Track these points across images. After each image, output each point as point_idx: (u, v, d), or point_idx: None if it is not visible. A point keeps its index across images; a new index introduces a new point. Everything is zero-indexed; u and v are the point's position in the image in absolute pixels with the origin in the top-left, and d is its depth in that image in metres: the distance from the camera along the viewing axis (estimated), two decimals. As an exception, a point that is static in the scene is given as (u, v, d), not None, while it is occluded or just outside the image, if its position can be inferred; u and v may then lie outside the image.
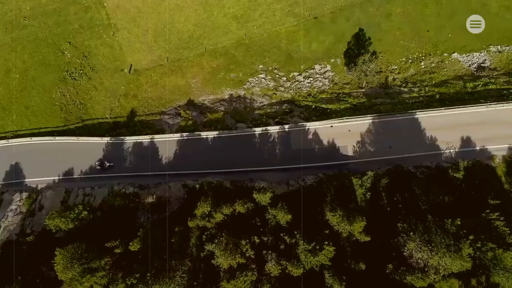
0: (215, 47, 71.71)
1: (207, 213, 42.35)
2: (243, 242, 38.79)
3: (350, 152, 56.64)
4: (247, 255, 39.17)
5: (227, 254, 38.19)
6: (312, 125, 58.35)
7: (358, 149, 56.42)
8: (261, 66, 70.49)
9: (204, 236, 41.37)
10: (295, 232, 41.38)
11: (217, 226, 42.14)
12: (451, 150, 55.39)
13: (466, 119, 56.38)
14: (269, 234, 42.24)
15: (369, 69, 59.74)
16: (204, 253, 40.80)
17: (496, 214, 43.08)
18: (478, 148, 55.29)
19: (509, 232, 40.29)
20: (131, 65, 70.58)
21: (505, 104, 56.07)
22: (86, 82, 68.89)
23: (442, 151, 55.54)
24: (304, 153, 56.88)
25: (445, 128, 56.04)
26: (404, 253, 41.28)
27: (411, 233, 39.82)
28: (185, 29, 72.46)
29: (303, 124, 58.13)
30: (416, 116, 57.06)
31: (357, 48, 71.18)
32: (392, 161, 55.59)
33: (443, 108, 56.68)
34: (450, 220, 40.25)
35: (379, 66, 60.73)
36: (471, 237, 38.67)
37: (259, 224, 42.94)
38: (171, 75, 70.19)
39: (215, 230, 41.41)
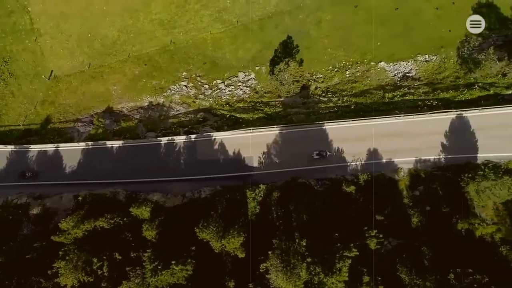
0: (139, 54, 71.90)
1: (70, 228, 41.79)
2: (95, 260, 38.07)
3: (255, 163, 55.99)
4: (99, 272, 38.40)
5: (70, 272, 37.48)
6: (219, 135, 58.11)
7: (263, 160, 55.96)
8: (184, 73, 70.54)
9: (61, 252, 40.69)
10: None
11: (80, 241, 41.46)
12: (357, 163, 54.65)
13: (375, 130, 55.90)
14: (141, 250, 41.51)
15: (285, 78, 59.21)
16: (53, 270, 40.08)
17: (375, 231, 42.25)
18: (384, 160, 54.75)
19: (351, 253, 38.88)
20: (52, 71, 70.52)
21: (414, 116, 55.32)
22: (3, 88, 68.95)
23: (348, 163, 54.91)
24: (210, 164, 56.77)
25: (354, 139, 55.79)
26: (261, 270, 40.53)
27: (270, 252, 39.04)
28: (109, 35, 72.77)
29: (209, 134, 57.63)
30: (324, 127, 56.53)
31: (284, 56, 71.23)
32: (297, 173, 54.89)
33: (350, 120, 56.51)
34: (297, 240, 39.34)
35: (293, 75, 60.03)
36: (309, 259, 37.75)
37: (131, 239, 42.18)
38: (92, 82, 70.33)
39: (73, 246, 40.72)
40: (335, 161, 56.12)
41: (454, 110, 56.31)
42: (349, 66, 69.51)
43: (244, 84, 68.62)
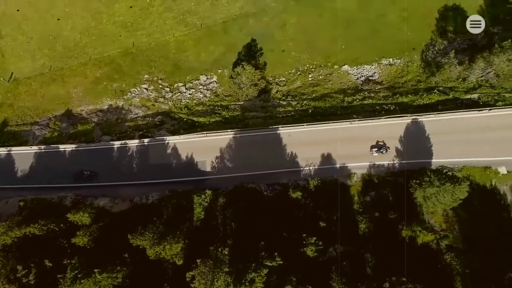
0: (101, 56, 71.76)
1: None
2: (20, 268, 37.58)
3: (208, 168, 55.62)
4: (24, 280, 37.88)
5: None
6: (172, 139, 57.93)
7: (216, 165, 55.54)
8: (146, 76, 70.30)
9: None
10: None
11: (9, 248, 40.93)
12: (311, 167, 54.28)
13: (331, 135, 55.52)
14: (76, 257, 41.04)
15: (242, 82, 58.93)
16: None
17: (314, 238, 41.81)
18: (338, 165, 54.33)
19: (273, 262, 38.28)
20: (12, 73, 70.23)
21: (369, 121, 55.00)
22: (-39, 91, 68.59)
23: (302, 168, 54.61)
24: (162, 168, 56.26)
25: (309, 144, 55.47)
26: (187, 279, 40.03)
27: (199, 260, 38.60)
28: (71, 37, 72.73)
29: (163, 138, 57.30)
30: (279, 131, 56.18)
31: (248, 59, 71.02)
32: (249, 178, 54.60)
33: (305, 124, 56.00)
34: (219, 248, 38.88)
35: (250, 79, 59.74)
36: (226, 269, 37.26)
37: (66, 246, 41.74)
38: (52, 84, 70.21)
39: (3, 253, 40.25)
40: (288, 165, 55.62)
41: (409, 115, 56.01)
42: (313, 70, 69.29)
43: (205, 87, 68.36)
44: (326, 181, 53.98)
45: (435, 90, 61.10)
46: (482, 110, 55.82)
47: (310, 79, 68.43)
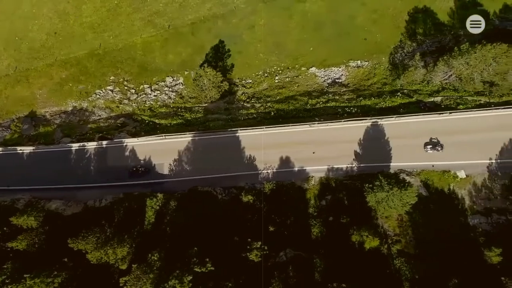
0: (67, 57, 71.83)
1: None
2: None
3: (166, 171, 55.47)
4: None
5: None
6: (131, 141, 57.78)
7: (174, 168, 55.40)
8: (112, 77, 70.31)
9: None
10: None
11: None
12: (269, 171, 54.13)
13: (291, 138, 55.59)
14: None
15: (204, 84, 58.88)
16: None
17: (259, 243, 41.63)
18: (296, 168, 54.26)
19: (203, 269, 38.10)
20: (-24, 74, 70.14)
21: (329, 124, 54.98)
22: None
23: (260, 172, 54.43)
24: (120, 170, 55.99)
25: (268, 146, 55.41)
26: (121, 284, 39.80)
27: (134, 266, 38.42)
28: (37, 38, 72.76)
29: (121, 141, 57.16)
30: (238, 134, 56.18)
31: (215, 61, 71.04)
32: (207, 181, 54.55)
33: (263, 127, 56.04)
34: (149, 255, 38.66)
35: (211, 81, 59.66)
36: (151, 275, 37.05)
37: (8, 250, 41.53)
38: (17, 86, 70.24)
39: None
40: (247, 169, 55.51)
41: (369, 118, 56.01)
42: (280, 72, 69.33)
43: (170, 89, 68.35)
44: (283, 184, 53.85)
45: (399, 93, 61.14)
46: (442, 113, 55.81)
47: (276, 81, 68.45)
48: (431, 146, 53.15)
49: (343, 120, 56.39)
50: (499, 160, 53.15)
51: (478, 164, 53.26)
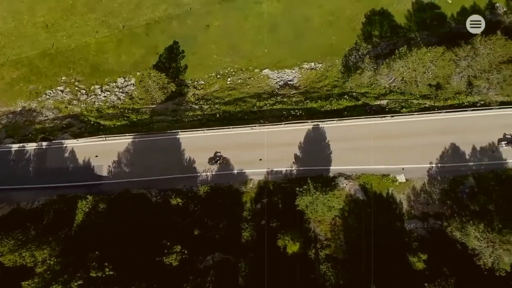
0: (19, 57, 72.11)
1: None
2: None
3: (105, 172, 55.47)
4: None
5: None
6: (71, 143, 57.88)
7: (113, 169, 55.47)
8: (64, 78, 70.60)
9: None
10: None
11: None
12: (208, 173, 54.12)
13: (232, 140, 55.78)
14: None
15: (149, 86, 59.05)
16: None
17: (179, 247, 41.53)
18: (236, 171, 54.21)
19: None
20: None
21: (271, 127, 55.19)
22: None
23: (199, 174, 54.42)
24: (58, 172, 56.01)
25: (209, 149, 55.31)
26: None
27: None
28: (-11, 37, 72.44)
29: (61, 142, 57.23)
30: (179, 136, 56.60)
31: (168, 62, 71.30)
32: (145, 183, 54.56)
33: (204, 129, 56.33)
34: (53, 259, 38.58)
35: (156, 82, 59.85)
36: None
37: None
38: (-34, 86, 69.80)
39: None
40: (186, 171, 55.54)
41: (311, 121, 56.01)
42: (233, 73, 69.53)
43: (121, 90, 68.50)
44: (220, 187, 53.78)
45: (346, 96, 61.26)
46: (384, 117, 55.86)
47: (228, 82, 68.64)
48: (505, 142, 51.78)
49: (284, 123, 56.45)
50: (439, 165, 53.18)
51: (418, 168, 53.31)
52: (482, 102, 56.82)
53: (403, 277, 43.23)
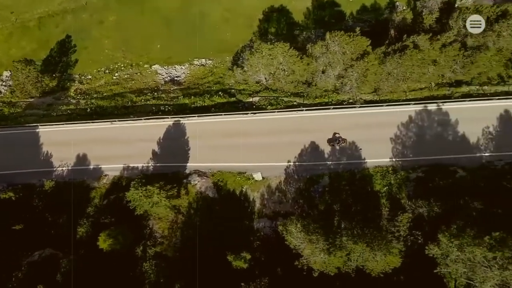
0: None
1: None
2: None
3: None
4: None
5: None
6: None
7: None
8: (-51, 70, 70.07)
9: None
10: None
11: None
12: (64, 168, 54.05)
13: (91, 135, 55.69)
14: None
15: (21, 80, 59.18)
16: None
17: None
18: (92, 167, 54.18)
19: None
20: None
21: (130, 122, 55.39)
22: None
23: (54, 169, 54.32)
24: None
25: (64, 144, 55.14)
26: None
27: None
28: None
29: None
30: (38, 130, 56.33)
31: (59, 56, 71.34)
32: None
33: (63, 123, 56.31)
34: None
35: (29, 77, 59.89)
36: None
37: None
38: None
39: None
40: (42, 166, 55.34)
41: (171, 116, 56.08)
42: (122, 68, 69.77)
43: (4, 83, 68.41)
44: (72, 182, 53.69)
45: (220, 92, 61.26)
46: (247, 113, 55.92)
47: (115, 77, 68.78)
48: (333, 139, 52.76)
49: (143, 118, 56.45)
50: (297, 163, 53.15)
51: (276, 167, 53.30)
52: (350, 101, 56.90)
53: (224, 276, 42.91)
